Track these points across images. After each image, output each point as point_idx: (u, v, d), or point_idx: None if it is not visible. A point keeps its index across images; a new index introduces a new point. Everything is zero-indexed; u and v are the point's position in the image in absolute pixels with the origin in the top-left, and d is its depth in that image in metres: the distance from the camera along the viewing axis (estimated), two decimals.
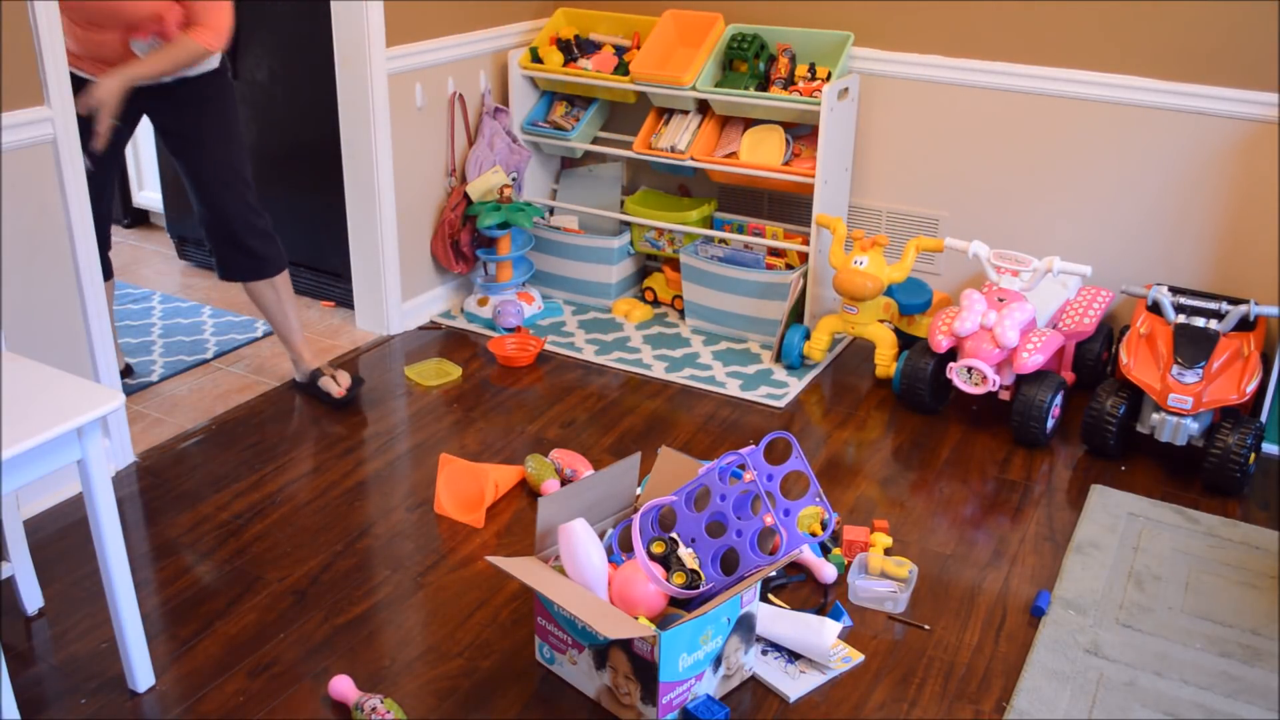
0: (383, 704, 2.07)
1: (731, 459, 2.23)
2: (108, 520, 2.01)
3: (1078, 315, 3.29)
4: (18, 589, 2.36)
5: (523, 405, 3.31)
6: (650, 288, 4.01)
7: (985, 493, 2.91)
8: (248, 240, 3.06)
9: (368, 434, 3.14)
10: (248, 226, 3.05)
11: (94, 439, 1.96)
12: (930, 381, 3.23)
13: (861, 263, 3.32)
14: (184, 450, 3.04)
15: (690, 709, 2.08)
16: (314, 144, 3.74)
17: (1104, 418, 3.00)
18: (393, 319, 3.75)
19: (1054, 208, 3.53)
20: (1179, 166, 3.31)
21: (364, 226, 3.65)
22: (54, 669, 2.23)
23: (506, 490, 2.87)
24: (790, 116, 3.61)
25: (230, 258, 3.11)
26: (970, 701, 2.20)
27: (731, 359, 3.62)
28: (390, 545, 2.65)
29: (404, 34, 3.51)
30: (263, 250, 3.10)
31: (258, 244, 3.08)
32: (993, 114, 3.53)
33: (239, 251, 3.08)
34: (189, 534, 2.67)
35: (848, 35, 3.60)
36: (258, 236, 3.07)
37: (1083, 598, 2.48)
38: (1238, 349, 2.96)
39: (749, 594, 2.14)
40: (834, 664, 2.27)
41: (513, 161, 3.92)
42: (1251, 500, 2.91)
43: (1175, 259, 3.39)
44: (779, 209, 3.95)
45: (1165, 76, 3.25)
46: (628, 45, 3.91)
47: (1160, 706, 2.17)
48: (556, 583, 2.12)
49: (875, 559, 2.53)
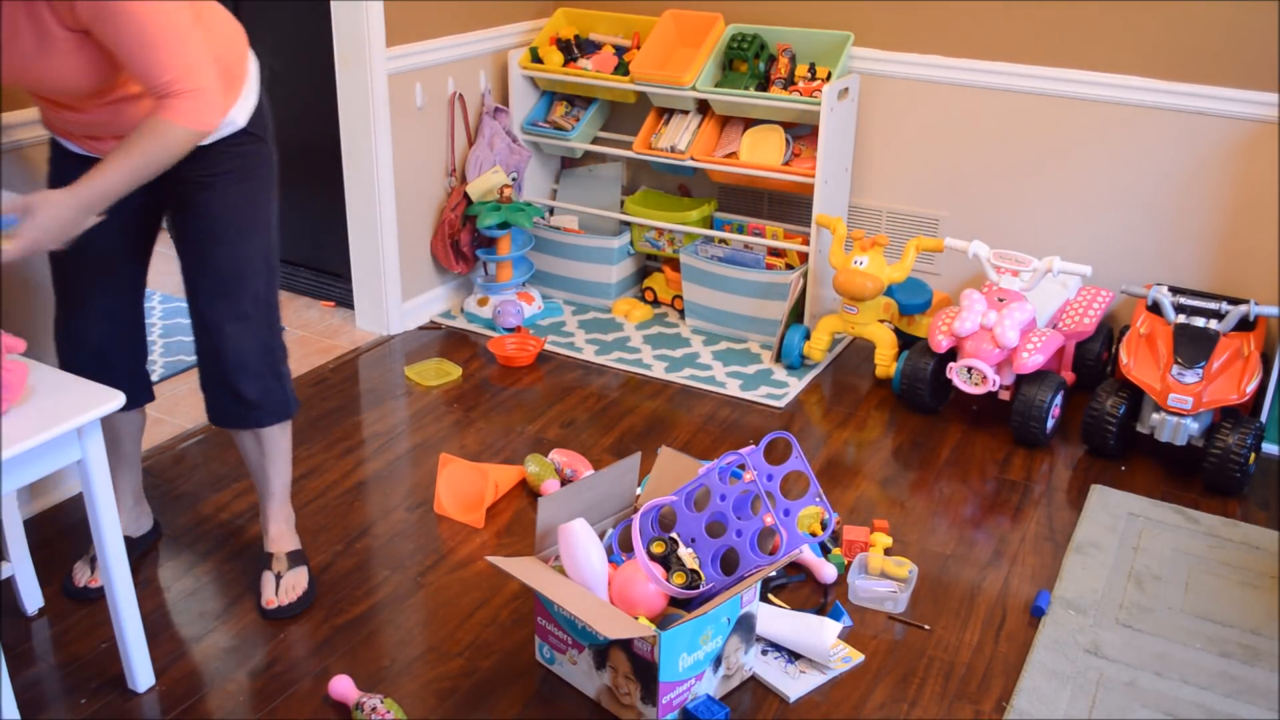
0: (383, 704, 2.07)
1: (731, 459, 2.23)
2: (107, 520, 2.01)
3: (1078, 315, 3.29)
4: (18, 589, 2.36)
5: (523, 405, 3.31)
6: (650, 288, 4.01)
7: (985, 493, 2.91)
8: (235, 378, 2.27)
9: (368, 434, 3.14)
10: (239, 360, 2.25)
11: (94, 439, 1.96)
12: (930, 381, 3.23)
13: (861, 263, 3.32)
14: (184, 450, 3.03)
15: (690, 709, 2.08)
16: (314, 144, 3.74)
17: (1104, 418, 3.00)
18: (393, 319, 3.75)
19: (1054, 208, 3.53)
20: (1179, 166, 3.31)
21: (364, 226, 3.65)
22: (54, 669, 2.23)
23: (506, 490, 2.87)
24: (790, 116, 3.61)
25: (211, 394, 2.33)
26: (970, 701, 2.20)
27: (731, 359, 3.62)
28: (390, 545, 2.65)
29: (404, 34, 3.51)
30: (255, 394, 2.30)
31: (250, 385, 2.29)
32: (993, 114, 3.53)
33: (222, 389, 2.30)
34: (189, 534, 2.67)
35: (848, 35, 3.60)
36: (252, 375, 2.28)
37: (1083, 598, 2.48)
38: (1238, 349, 2.96)
39: (749, 594, 2.14)
40: (834, 664, 2.27)
41: (513, 161, 3.92)
42: (1251, 500, 2.91)
43: (1175, 259, 3.39)
44: (779, 209, 3.95)
45: (1165, 76, 3.25)
46: (628, 45, 3.91)
47: (1160, 706, 2.17)
48: (556, 583, 2.12)
49: (875, 559, 2.53)
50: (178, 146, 1.95)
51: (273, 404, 2.34)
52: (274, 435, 2.41)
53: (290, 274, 4.05)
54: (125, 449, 2.47)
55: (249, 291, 2.24)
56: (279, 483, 2.48)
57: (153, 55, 1.88)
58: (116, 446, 2.43)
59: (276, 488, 2.48)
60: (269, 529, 2.50)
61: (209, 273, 2.23)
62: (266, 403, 2.33)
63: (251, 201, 2.23)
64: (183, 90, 1.91)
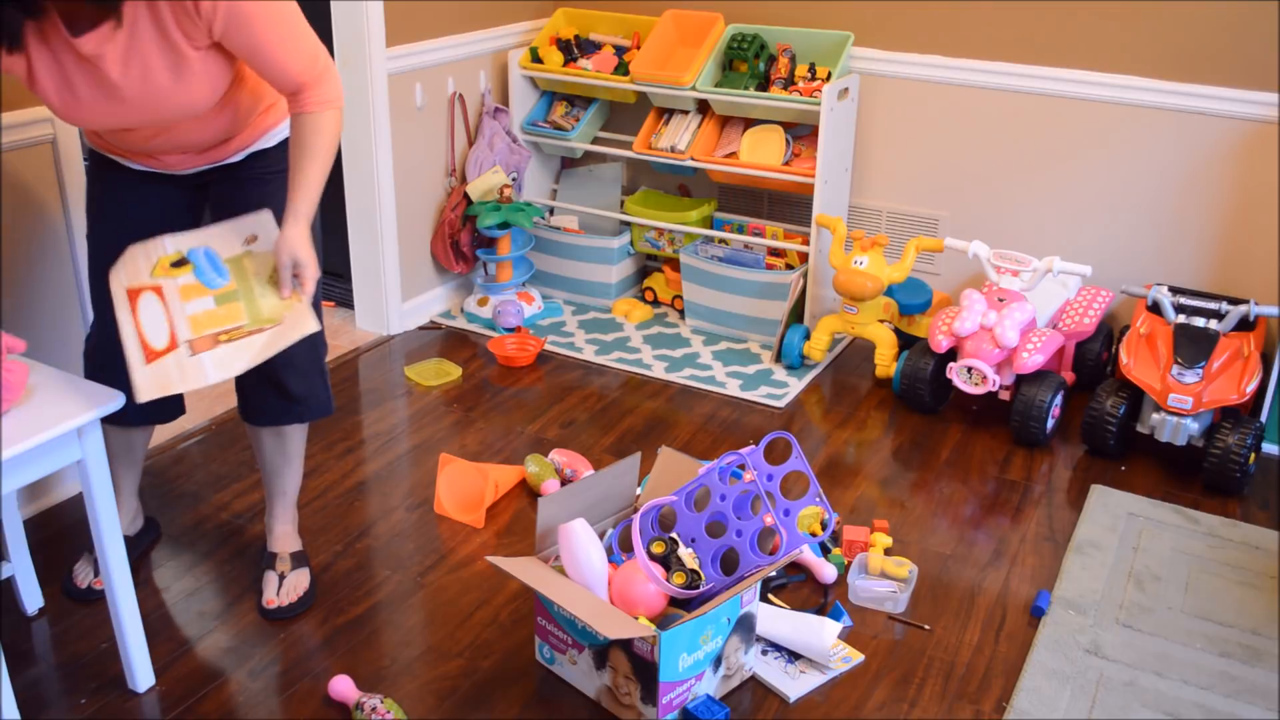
0: (383, 704, 2.07)
1: (731, 459, 2.23)
2: (107, 520, 2.01)
3: (1078, 315, 3.29)
4: (18, 589, 2.36)
5: (523, 405, 3.31)
6: (650, 288, 4.01)
7: (985, 493, 2.91)
8: (283, 374, 2.25)
9: (368, 434, 3.14)
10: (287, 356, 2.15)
11: (94, 439, 1.96)
12: (930, 381, 3.23)
13: (861, 263, 3.32)
14: (184, 450, 3.03)
15: (690, 709, 2.08)
16: None
17: (1104, 418, 3.00)
18: (393, 319, 3.75)
19: (1054, 208, 3.53)
20: (1179, 166, 3.31)
21: (364, 226, 3.65)
22: (54, 669, 2.23)
23: (506, 490, 2.87)
24: (790, 116, 3.61)
25: (255, 392, 2.31)
26: (970, 701, 2.20)
27: (731, 359, 3.62)
28: (390, 545, 2.65)
29: (404, 34, 3.51)
30: (301, 389, 2.30)
31: (297, 381, 2.29)
32: (993, 114, 3.53)
33: (268, 386, 2.28)
34: (189, 534, 2.67)
35: (848, 35, 3.60)
36: (300, 371, 2.28)
37: (1083, 598, 2.48)
38: (1238, 349, 2.96)
39: (749, 594, 2.14)
40: (834, 664, 2.27)
41: (513, 161, 3.92)
42: (1251, 500, 2.91)
43: (1175, 259, 3.39)
44: (779, 209, 3.95)
45: (1165, 76, 3.25)
46: (628, 45, 3.92)
47: (1160, 706, 2.17)
48: (556, 583, 2.12)
49: (875, 559, 2.53)
50: (338, 128, 2.04)
51: (316, 400, 2.35)
52: (295, 436, 2.41)
53: None
54: (137, 455, 2.49)
55: None
56: (292, 484, 2.48)
57: (283, 53, 1.94)
58: (130, 453, 2.45)
59: (290, 489, 2.48)
60: (275, 529, 2.50)
61: None
62: (310, 398, 2.33)
63: None
64: (314, 79, 1.99)
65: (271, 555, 2.48)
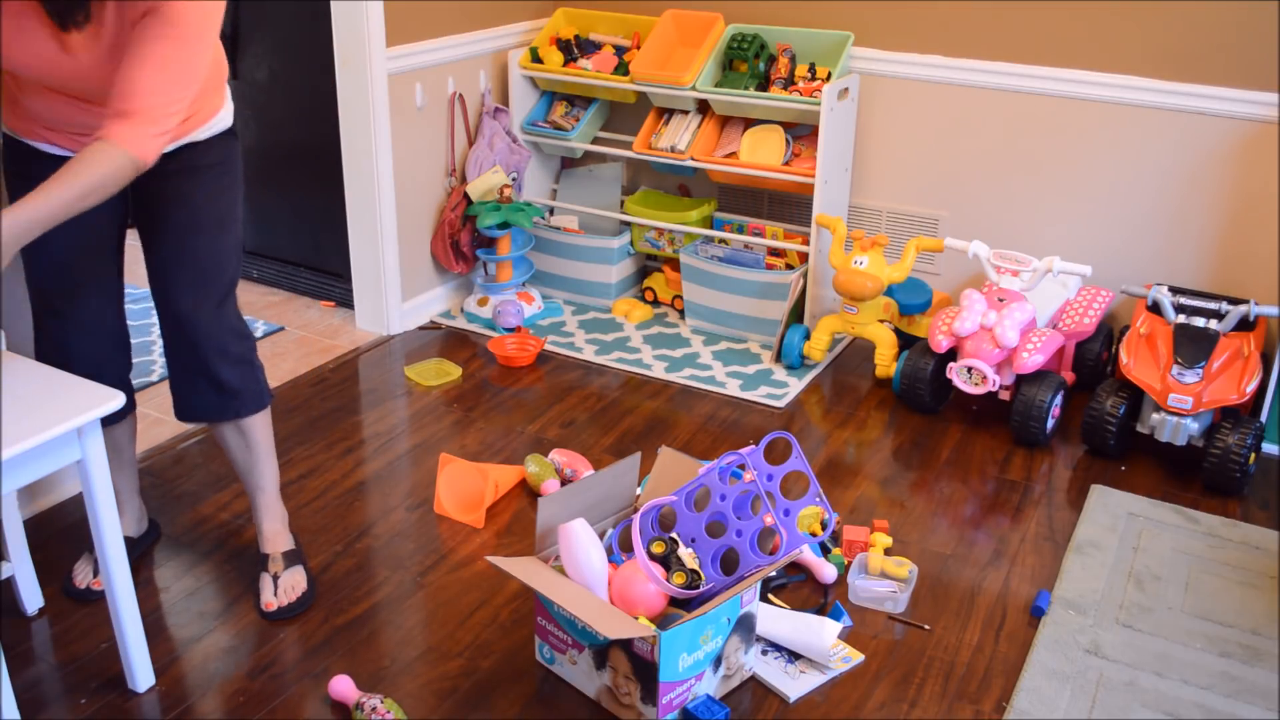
0: (383, 704, 2.07)
1: (731, 459, 2.23)
2: (107, 520, 2.01)
3: (1078, 315, 3.29)
4: (18, 589, 2.36)
5: (523, 405, 3.31)
6: (650, 288, 4.01)
7: (985, 493, 2.91)
8: (217, 366, 2.26)
9: (368, 434, 3.14)
10: (220, 348, 2.24)
11: (94, 439, 1.96)
12: (930, 381, 3.23)
13: (861, 263, 3.32)
14: (184, 450, 3.03)
15: (690, 709, 2.08)
16: (314, 144, 3.74)
17: (1104, 418, 3.00)
18: (393, 319, 3.75)
19: (1054, 208, 3.53)
20: (1179, 166, 3.31)
21: (364, 226, 3.65)
22: (54, 669, 2.23)
23: (506, 490, 2.87)
24: (790, 116, 3.61)
25: (189, 388, 2.30)
26: (970, 701, 2.20)
27: (731, 359, 3.62)
28: (390, 545, 2.65)
29: (404, 34, 3.51)
30: (236, 382, 2.30)
31: (230, 373, 2.29)
32: (993, 114, 3.53)
33: (202, 380, 2.28)
34: (189, 534, 2.67)
35: (848, 35, 3.60)
36: (232, 362, 2.28)
37: (1083, 598, 2.48)
38: (1238, 349, 2.96)
39: (749, 594, 2.14)
40: (834, 664, 2.27)
41: (513, 161, 3.92)
42: (1251, 500, 2.91)
43: (1175, 259, 3.39)
44: (779, 209, 3.95)
45: (1165, 76, 3.25)
46: (628, 45, 3.92)
47: (1160, 706, 2.17)
48: (556, 583, 2.12)
49: (875, 559, 2.53)
50: (122, 175, 1.87)
51: (251, 392, 2.34)
52: (257, 428, 2.39)
53: (290, 274, 4.06)
54: (125, 456, 2.49)
55: (225, 280, 2.26)
56: (269, 477, 2.46)
57: (155, 77, 1.86)
58: (119, 454, 2.45)
59: (267, 482, 2.46)
60: (263, 527, 2.49)
61: (187, 263, 2.21)
62: (245, 391, 2.32)
63: (229, 194, 2.26)
64: (145, 117, 1.86)
65: (264, 557, 2.47)
